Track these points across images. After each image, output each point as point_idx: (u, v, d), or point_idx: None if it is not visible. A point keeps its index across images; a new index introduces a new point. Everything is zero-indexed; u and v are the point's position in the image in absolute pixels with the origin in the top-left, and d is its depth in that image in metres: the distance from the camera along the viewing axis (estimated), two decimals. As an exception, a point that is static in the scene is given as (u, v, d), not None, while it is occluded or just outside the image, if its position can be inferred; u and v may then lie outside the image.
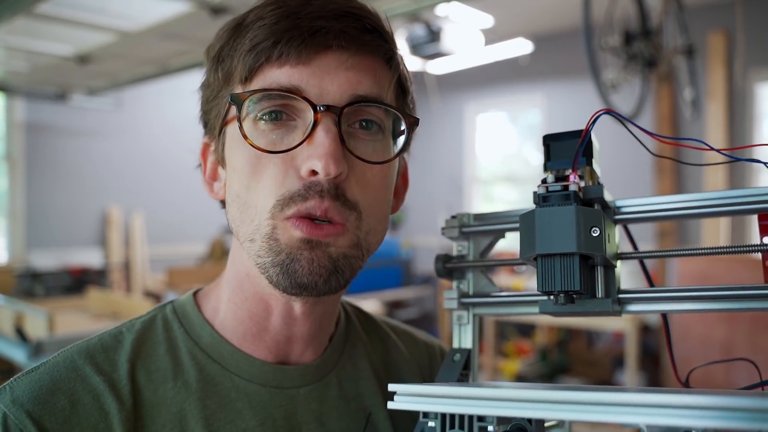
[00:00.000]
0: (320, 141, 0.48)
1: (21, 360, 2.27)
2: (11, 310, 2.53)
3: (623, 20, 2.90)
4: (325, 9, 0.50)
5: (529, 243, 0.42)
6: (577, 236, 0.40)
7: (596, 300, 0.44)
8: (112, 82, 4.20)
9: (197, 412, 0.52)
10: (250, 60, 0.50)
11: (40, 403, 0.48)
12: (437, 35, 4.02)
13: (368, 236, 0.53)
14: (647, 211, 0.46)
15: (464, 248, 0.54)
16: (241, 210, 0.52)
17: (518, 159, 6.49)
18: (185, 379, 0.54)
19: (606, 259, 0.43)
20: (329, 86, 0.50)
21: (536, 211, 0.42)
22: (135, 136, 5.47)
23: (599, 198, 0.43)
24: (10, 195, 4.84)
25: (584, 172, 0.44)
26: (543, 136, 0.45)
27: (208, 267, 4.70)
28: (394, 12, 2.59)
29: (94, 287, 3.99)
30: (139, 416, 0.51)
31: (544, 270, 0.41)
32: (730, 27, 4.53)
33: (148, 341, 0.56)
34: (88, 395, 0.50)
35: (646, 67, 3.00)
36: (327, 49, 0.50)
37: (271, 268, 0.50)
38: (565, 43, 5.46)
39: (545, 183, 0.43)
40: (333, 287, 0.51)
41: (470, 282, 0.54)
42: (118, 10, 2.83)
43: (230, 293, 0.58)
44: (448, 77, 6.22)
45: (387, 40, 0.54)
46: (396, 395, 0.40)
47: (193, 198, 5.76)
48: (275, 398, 0.56)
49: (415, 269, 6.60)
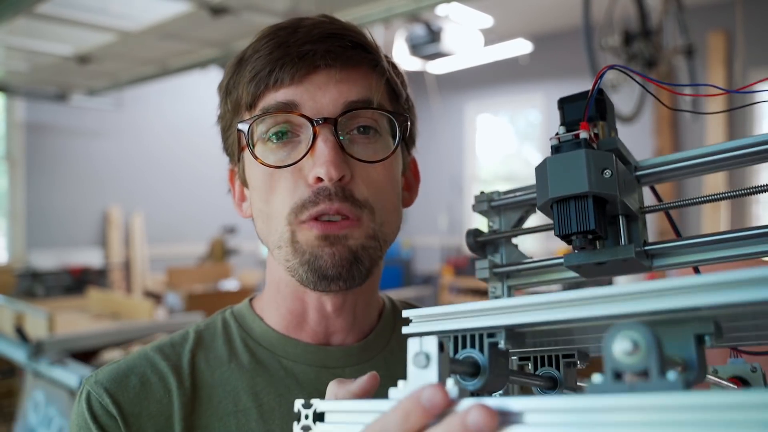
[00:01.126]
0: (321, 150, 0.55)
1: (21, 360, 2.27)
2: (11, 310, 2.53)
3: (623, 20, 2.90)
4: (311, 34, 0.57)
5: (543, 190, 0.42)
6: (588, 176, 0.40)
7: (620, 247, 0.43)
8: (112, 82, 4.20)
9: (248, 388, 0.60)
10: (252, 89, 0.58)
11: (116, 382, 0.58)
12: (437, 35, 4.02)
13: (383, 227, 0.59)
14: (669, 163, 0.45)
15: (495, 223, 0.55)
16: (265, 222, 0.60)
17: (518, 159, 6.50)
18: (239, 362, 0.62)
19: (626, 207, 0.42)
20: (322, 100, 0.56)
21: (548, 158, 0.42)
22: (135, 136, 5.47)
23: (614, 149, 0.43)
24: (10, 195, 4.85)
25: (599, 127, 0.44)
26: (558, 99, 0.45)
27: (208, 267, 4.70)
28: (394, 12, 2.59)
29: (94, 287, 3.99)
30: (197, 395, 0.60)
31: (559, 214, 0.41)
32: (730, 27, 4.54)
33: (209, 336, 0.65)
34: (155, 376, 0.60)
35: (646, 67, 3.00)
36: (316, 69, 0.57)
37: (299, 267, 0.57)
38: (565, 43, 5.46)
39: (558, 135, 0.43)
40: (356, 277, 0.57)
41: (503, 255, 0.54)
42: (119, 10, 2.83)
43: (271, 296, 0.66)
44: (448, 77, 6.23)
45: (370, 51, 0.60)
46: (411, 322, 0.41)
47: (193, 198, 5.77)
48: (322, 376, 0.62)
49: (415, 269, 6.60)
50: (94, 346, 2.32)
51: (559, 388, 0.44)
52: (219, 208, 5.64)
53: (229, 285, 4.25)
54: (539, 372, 0.45)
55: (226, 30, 2.91)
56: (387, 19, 2.76)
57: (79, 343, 2.29)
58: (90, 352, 2.30)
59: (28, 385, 2.23)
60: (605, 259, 0.43)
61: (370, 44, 0.61)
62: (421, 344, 0.33)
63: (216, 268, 4.64)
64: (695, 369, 0.31)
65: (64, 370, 2.02)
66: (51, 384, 2.05)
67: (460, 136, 6.58)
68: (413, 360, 0.33)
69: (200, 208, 5.77)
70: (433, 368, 0.32)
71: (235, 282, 4.43)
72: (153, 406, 0.58)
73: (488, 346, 0.37)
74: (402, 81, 0.64)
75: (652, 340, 0.27)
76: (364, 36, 0.61)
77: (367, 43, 0.60)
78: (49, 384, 2.07)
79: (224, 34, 3.00)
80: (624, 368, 0.27)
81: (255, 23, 2.73)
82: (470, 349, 0.38)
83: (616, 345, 0.27)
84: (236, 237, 5.12)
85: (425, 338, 0.33)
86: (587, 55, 2.59)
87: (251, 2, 2.56)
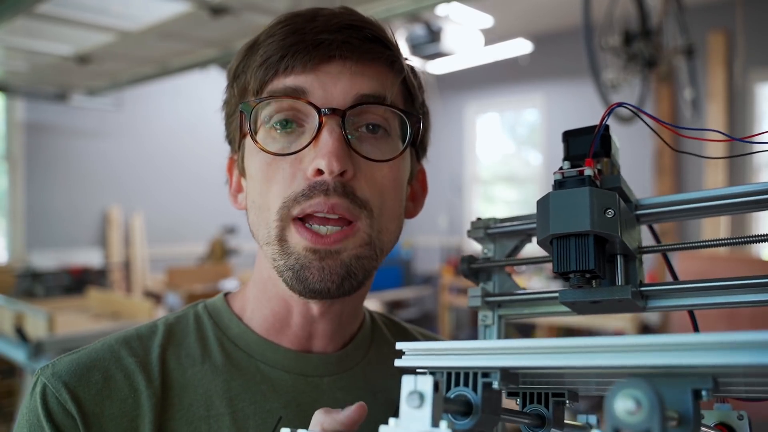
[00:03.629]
0: (324, 141, 0.51)
1: (21, 360, 2.27)
2: (11, 310, 2.53)
3: (623, 20, 2.90)
4: (329, 23, 0.54)
5: (544, 225, 0.42)
6: (590, 215, 0.40)
7: (616, 287, 0.43)
8: (112, 82, 4.20)
9: (222, 392, 0.56)
10: (261, 74, 0.54)
11: (76, 377, 0.53)
12: (437, 35, 4.02)
13: (381, 235, 0.55)
14: (669, 204, 0.45)
15: (490, 251, 0.54)
16: (257, 214, 0.56)
17: (518, 159, 6.49)
18: (213, 363, 0.58)
19: (625, 247, 0.42)
20: (333, 90, 0.53)
21: (551, 194, 0.42)
22: (135, 136, 5.47)
23: (617, 187, 0.43)
24: (10, 195, 4.85)
25: (603, 164, 0.44)
26: (563, 132, 0.45)
27: (208, 267, 4.70)
28: (394, 12, 2.59)
29: (94, 287, 3.99)
30: (166, 396, 0.55)
31: (559, 251, 0.41)
32: (730, 27, 4.53)
33: (180, 331, 0.60)
34: (120, 373, 0.55)
35: (646, 67, 3.00)
36: (330, 59, 0.53)
37: (285, 271, 0.53)
38: (565, 43, 5.46)
39: (562, 170, 0.43)
40: (346, 290, 0.53)
41: (495, 284, 0.54)
42: (118, 10, 2.83)
43: (256, 293, 0.62)
44: (448, 77, 6.23)
45: (389, 48, 0.57)
46: (404, 354, 0.40)
47: (193, 198, 5.76)
48: (299, 385, 0.59)
49: (415, 269, 6.60)
50: (94, 346, 2.31)
51: (546, 426, 0.44)
52: (219, 208, 5.64)
53: (229, 285, 4.25)
54: (527, 409, 0.44)
55: (226, 30, 2.90)
56: (387, 19, 2.76)
57: (79, 343, 2.28)
58: (90, 352, 2.30)
59: (27, 385, 2.23)
60: (601, 298, 0.43)
61: (389, 40, 0.57)
62: (416, 383, 0.32)
63: (216, 268, 4.64)
64: (690, 423, 0.31)
65: (64, 370, 2.02)
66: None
67: (460, 136, 6.58)
68: (407, 399, 0.32)
69: (200, 208, 5.76)
70: (426, 409, 0.31)
71: (235, 282, 4.42)
72: (116, 406, 0.53)
73: (482, 386, 0.37)
74: (419, 84, 0.61)
75: (656, 401, 0.27)
76: (384, 31, 0.57)
77: (387, 38, 0.57)
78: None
79: (224, 34, 2.99)
80: (625, 427, 0.27)
81: (255, 23, 2.73)
82: (463, 387, 0.38)
83: (618, 403, 0.27)
84: (236, 237, 5.12)
85: (420, 378, 0.32)
86: (587, 55, 2.59)
87: (251, 2, 2.56)
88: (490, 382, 0.37)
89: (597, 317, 3.50)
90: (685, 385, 0.31)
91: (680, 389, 0.31)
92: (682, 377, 0.31)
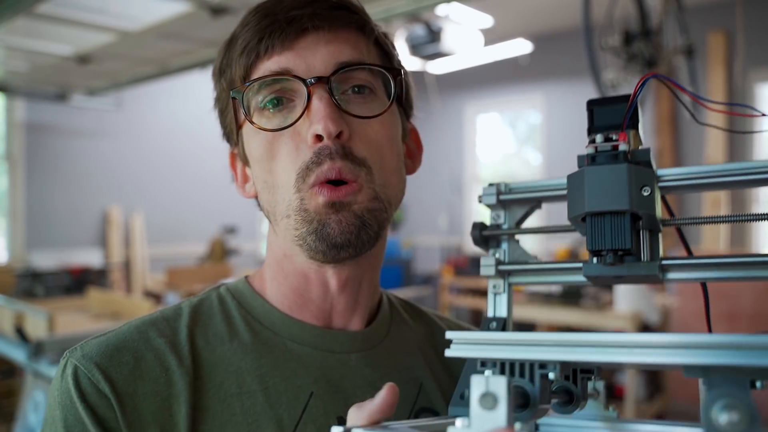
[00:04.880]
0: (316, 107, 0.54)
1: (21, 360, 2.27)
2: (11, 310, 2.53)
3: (623, 20, 2.90)
4: (296, 0, 0.57)
5: (578, 202, 0.41)
6: (629, 194, 0.39)
7: (643, 264, 0.42)
8: (112, 82, 4.20)
9: (253, 369, 0.57)
10: (243, 60, 0.58)
11: (107, 357, 0.54)
12: (437, 35, 4.02)
13: (385, 189, 0.58)
14: (691, 178, 0.44)
15: (500, 217, 0.53)
16: (271, 192, 0.58)
17: (518, 159, 6.50)
18: (240, 341, 0.59)
19: (653, 221, 0.42)
20: (313, 61, 0.56)
21: (586, 169, 0.42)
22: (135, 136, 5.47)
23: (646, 161, 0.42)
24: (10, 195, 4.85)
25: (631, 136, 0.44)
26: (587, 101, 0.45)
27: (208, 267, 4.70)
28: (394, 12, 2.59)
29: (94, 287, 3.99)
30: (198, 374, 0.55)
31: (593, 228, 0.41)
32: (730, 27, 4.53)
33: (205, 312, 0.61)
34: (150, 353, 0.55)
35: (646, 67, 3.00)
36: (305, 32, 0.56)
37: (308, 236, 0.55)
38: (565, 43, 5.46)
39: (594, 143, 0.43)
40: (365, 241, 0.56)
41: (506, 251, 0.53)
42: (118, 10, 2.83)
43: (273, 273, 0.63)
44: (448, 77, 6.22)
45: (356, 11, 0.60)
46: (453, 343, 0.40)
47: (193, 198, 5.76)
48: (327, 361, 0.60)
49: (415, 269, 6.60)
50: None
51: (575, 403, 0.44)
52: (219, 208, 5.64)
53: (229, 285, 4.24)
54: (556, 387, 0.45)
55: (226, 30, 2.89)
56: (387, 19, 2.76)
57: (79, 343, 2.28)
58: (90, 352, 2.30)
59: (28, 385, 2.23)
60: (628, 273, 0.43)
61: (354, 5, 0.60)
62: (488, 384, 0.31)
63: (216, 268, 4.64)
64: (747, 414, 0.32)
65: (64, 370, 2.02)
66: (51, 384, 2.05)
67: (460, 136, 6.58)
68: (479, 401, 0.31)
69: (200, 208, 5.76)
70: (501, 412, 0.30)
71: (235, 282, 4.42)
72: (149, 386, 0.53)
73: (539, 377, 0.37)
74: (391, 43, 0.64)
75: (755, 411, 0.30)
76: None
77: (352, 4, 0.60)
78: (48, 384, 2.06)
79: (224, 34, 2.97)
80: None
81: (255, 23, 2.73)
82: (519, 378, 0.38)
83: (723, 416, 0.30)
84: (236, 237, 5.12)
85: (492, 378, 0.31)
86: (587, 55, 2.59)
87: (251, 2, 2.55)
88: (547, 373, 0.37)
89: (597, 317, 3.50)
90: (744, 378, 0.32)
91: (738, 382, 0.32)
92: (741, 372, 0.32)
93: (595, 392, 0.45)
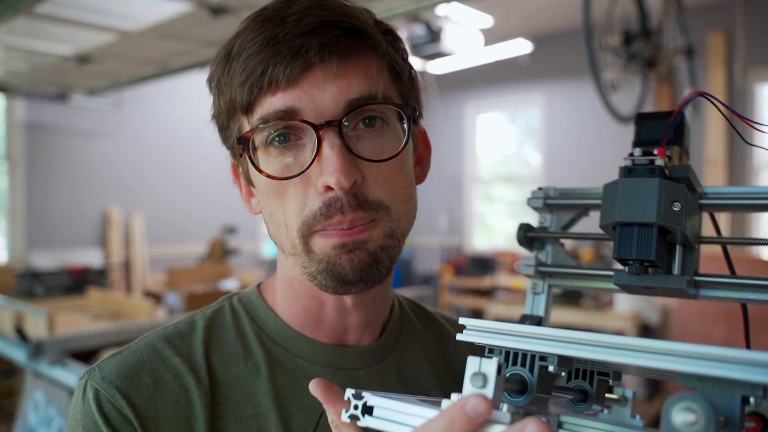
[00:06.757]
0: (328, 157, 0.50)
1: (21, 360, 2.27)
2: (11, 310, 2.53)
3: (623, 20, 2.90)
4: (301, 25, 0.51)
5: (609, 211, 0.43)
6: (657, 207, 0.40)
7: (672, 276, 0.44)
8: (112, 82, 4.20)
9: (267, 389, 0.57)
10: (246, 93, 0.53)
11: (127, 380, 0.53)
12: (437, 35, 4.03)
13: (400, 222, 0.56)
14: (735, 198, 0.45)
15: (546, 220, 0.54)
16: (277, 228, 0.56)
17: (518, 159, 6.50)
18: (255, 361, 0.59)
19: (686, 238, 0.43)
20: (322, 101, 0.51)
21: (620, 180, 0.43)
22: (135, 136, 5.47)
23: (685, 178, 0.43)
24: (10, 195, 4.85)
25: (673, 152, 0.44)
26: (636, 114, 0.45)
27: (208, 267, 4.70)
28: (394, 12, 2.59)
29: (94, 287, 3.99)
30: (215, 394, 0.56)
31: (621, 237, 0.42)
32: (730, 27, 4.53)
33: (219, 327, 0.61)
34: (169, 374, 0.55)
35: (646, 67, 3.00)
36: (311, 67, 0.51)
37: (318, 275, 0.54)
38: (565, 43, 5.46)
39: (632, 156, 0.44)
40: (376, 278, 0.54)
41: (549, 254, 0.54)
42: (118, 10, 2.83)
43: (284, 290, 0.62)
44: (448, 77, 6.23)
45: (368, 35, 0.54)
46: (465, 329, 0.42)
47: (193, 198, 5.77)
48: (337, 379, 0.59)
49: (416, 269, 6.60)
50: (94, 346, 2.31)
51: (589, 401, 0.45)
52: (219, 208, 5.64)
53: (229, 285, 4.25)
54: (571, 384, 0.46)
55: (226, 30, 2.90)
56: (387, 19, 2.76)
57: (79, 343, 2.29)
58: (90, 352, 2.30)
59: (28, 385, 2.23)
60: (655, 285, 0.44)
61: (366, 28, 0.54)
62: (480, 365, 0.34)
63: (216, 268, 4.64)
64: (736, 427, 0.32)
65: (64, 370, 2.02)
66: (51, 384, 2.05)
67: (460, 136, 6.58)
68: (470, 379, 0.34)
69: (200, 208, 5.77)
70: (489, 390, 0.33)
71: (235, 282, 4.43)
72: (170, 408, 0.53)
73: (538, 368, 0.39)
74: (403, 54, 0.60)
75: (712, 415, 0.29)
76: (359, 19, 0.54)
77: (363, 26, 0.54)
78: (49, 384, 2.07)
79: (224, 34, 2.98)
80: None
81: (255, 23, 2.73)
82: (520, 367, 0.40)
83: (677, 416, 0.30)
84: (236, 237, 5.12)
85: (485, 360, 0.34)
86: (587, 55, 2.59)
87: (251, 2, 2.56)
88: (547, 365, 0.39)
89: (597, 317, 3.51)
90: (735, 391, 0.32)
91: (730, 395, 0.32)
92: (734, 384, 0.32)
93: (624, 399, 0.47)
